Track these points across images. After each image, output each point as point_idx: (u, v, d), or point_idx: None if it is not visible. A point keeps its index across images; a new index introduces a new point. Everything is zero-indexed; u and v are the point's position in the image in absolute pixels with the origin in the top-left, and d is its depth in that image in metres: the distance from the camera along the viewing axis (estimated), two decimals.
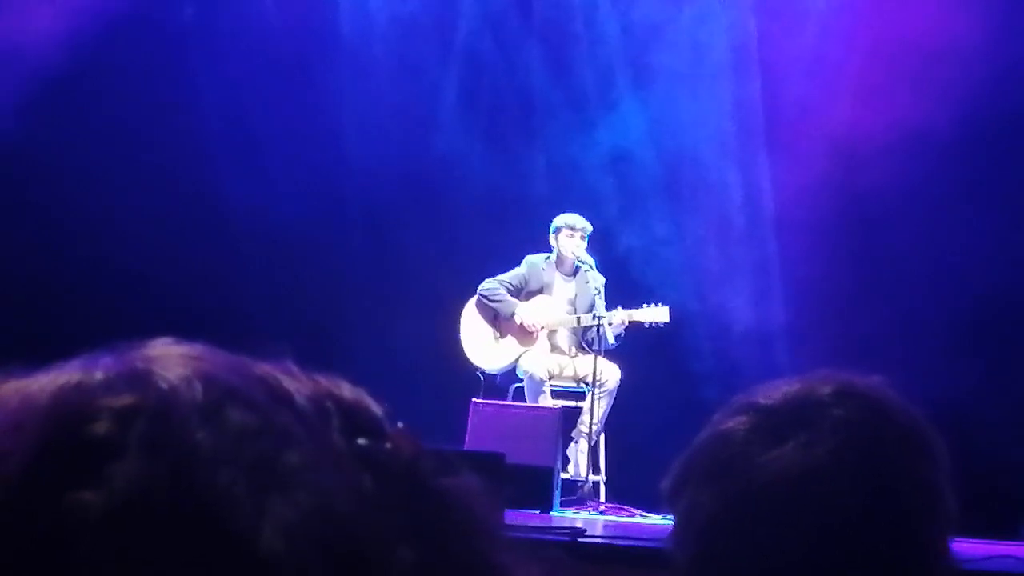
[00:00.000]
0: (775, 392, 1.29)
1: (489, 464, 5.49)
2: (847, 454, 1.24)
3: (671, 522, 1.33)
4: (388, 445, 0.60)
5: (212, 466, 0.54)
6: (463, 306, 7.94)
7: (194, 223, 8.67)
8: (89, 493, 0.53)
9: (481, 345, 7.88)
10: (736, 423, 1.27)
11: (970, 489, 1.32)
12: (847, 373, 1.31)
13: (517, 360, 7.80)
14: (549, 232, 7.82)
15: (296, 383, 0.60)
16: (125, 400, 0.55)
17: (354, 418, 0.60)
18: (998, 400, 7.58)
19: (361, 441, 0.59)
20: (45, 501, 0.53)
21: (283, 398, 0.59)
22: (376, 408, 0.62)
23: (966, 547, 4.99)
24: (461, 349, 7.89)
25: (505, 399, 7.69)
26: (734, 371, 7.73)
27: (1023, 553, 5.17)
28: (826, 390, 1.29)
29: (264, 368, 0.60)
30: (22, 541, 0.52)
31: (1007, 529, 6.06)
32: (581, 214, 7.83)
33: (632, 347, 7.76)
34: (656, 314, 7.62)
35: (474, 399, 7.16)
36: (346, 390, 0.62)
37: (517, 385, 7.82)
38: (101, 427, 0.54)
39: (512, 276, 7.88)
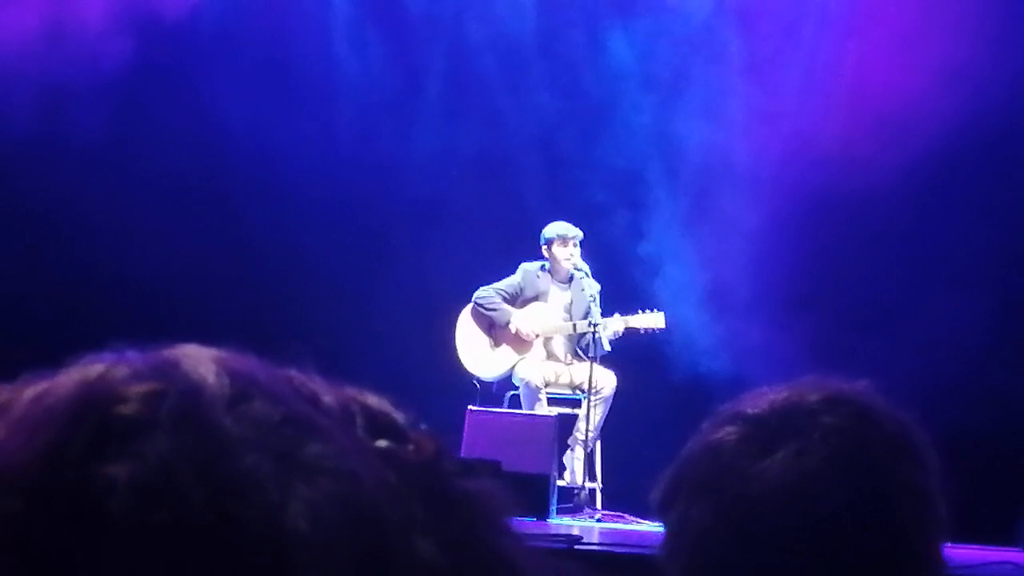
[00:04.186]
0: (762, 401, 1.29)
1: (485, 472, 5.48)
2: (838, 462, 1.24)
3: (663, 532, 1.32)
4: (410, 447, 0.61)
5: (238, 450, 0.54)
6: (458, 314, 7.93)
7: (191, 228, 8.70)
8: (117, 467, 0.53)
9: (477, 353, 7.87)
10: (725, 433, 1.26)
11: (968, 494, 1.31)
12: (833, 379, 1.31)
13: (513, 368, 7.79)
14: (540, 244, 7.80)
15: (321, 386, 0.61)
16: (152, 386, 0.56)
17: (377, 421, 0.61)
18: (996, 405, 7.60)
19: (383, 442, 0.60)
20: (73, 476, 0.53)
21: (308, 397, 0.60)
22: (399, 415, 0.63)
23: (964, 552, 4.99)
24: (457, 357, 7.88)
25: (501, 407, 7.68)
26: (731, 378, 7.72)
27: (1021, 559, 5.17)
28: (814, 398, 1.28)
29: (291, 372, 0.61)
30: (51, 515, 0.53)
31: (1006, 535, 6.06)
32: (576, 221, 7.82)
33: (628, 354, 7.76)
34: (652, 320, 7.61)
35: (470, 407, 7.16)
36: (370, 398, 0.63)
37: (513, 393, 7.82)
38: (129, 408, 0.55)
39: (507, 284, 7.87)
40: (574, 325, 7.71)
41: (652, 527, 6.17)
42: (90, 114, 8.53)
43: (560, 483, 7.15)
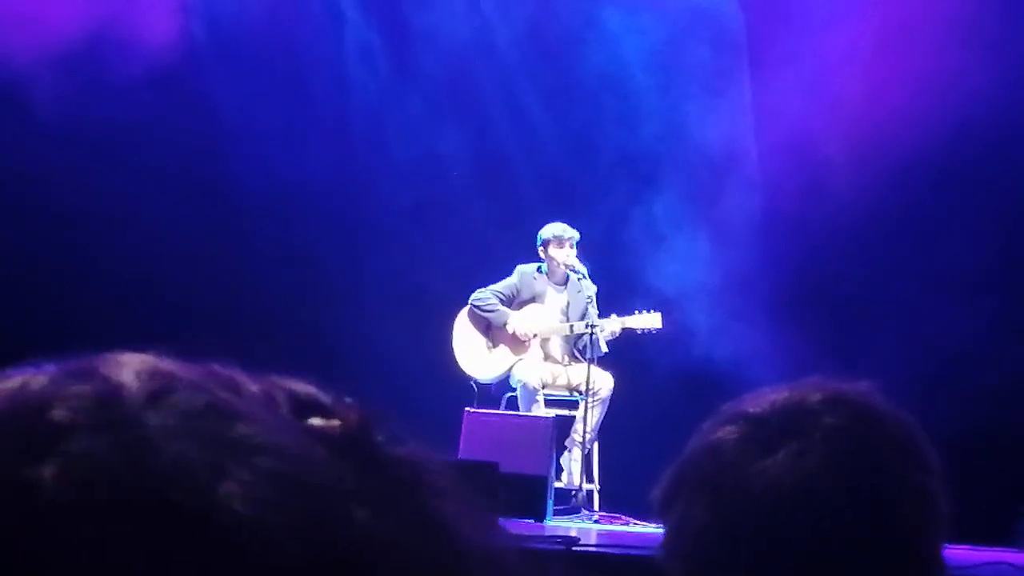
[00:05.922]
0: (764, 401, 1.29)
1: (482, 473, 5.49)
2: (838, 463, 1.24)
3: (663, 531, 1.32)
4: (336, 422, 0.61)
5: (164, 440, 0.55)
6: (455, 316, 7.93)
7: (189, 229, 8.72)
8: (45, 468, 0.53)
9: (474, 355, 7.87)
10: (726, 433, 1.26)
11: (966, 495, 1.31)
12: (835, 380, 1.31)
13: (510, 369, 7.79)
14: (537, 245, 7.80)
15: (242, 377, 0.62)
16: (72, 390, 0.57)
17: (301, 402, 0.62)
18: (995, 405, 7.62)
19: (310, 420, 0.61)
20: (3, 481, 0.53)
21: (230, 386, 0.60)
22: (324, 396, 0.63)
23: (961, 553, 4.99)
24: (454, 359, 7.88)
25: (498, 408, 7.67)
26: (730, 378, 7.72)
27: (1018, 559, 5.17)
28: (816, 398, 1.28)
29: (211, 365, 0.62)
30: None
31: (1003, 535, 6.06)
32: (571, 222, 7.81)
33: (625, 355, 7.75)
34: (649, 320, 7.61)
35: (467, 408, 7.15)
36: (293, 382, 0.63)
37: (510, 394, 7.81)
38: (53, 414, 0.55)
39: (504, 286, 7.87)
40: (571, 326, 7.71)
41: (650, 528, 6.17)
42: (100, 115, 8.56)
43: (557, 484, 7.14)
